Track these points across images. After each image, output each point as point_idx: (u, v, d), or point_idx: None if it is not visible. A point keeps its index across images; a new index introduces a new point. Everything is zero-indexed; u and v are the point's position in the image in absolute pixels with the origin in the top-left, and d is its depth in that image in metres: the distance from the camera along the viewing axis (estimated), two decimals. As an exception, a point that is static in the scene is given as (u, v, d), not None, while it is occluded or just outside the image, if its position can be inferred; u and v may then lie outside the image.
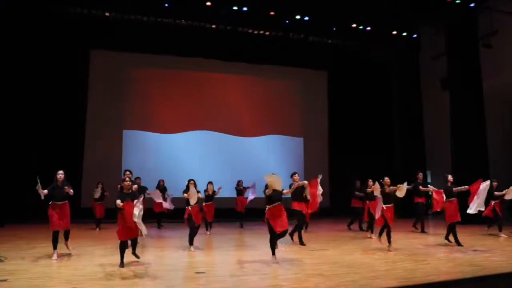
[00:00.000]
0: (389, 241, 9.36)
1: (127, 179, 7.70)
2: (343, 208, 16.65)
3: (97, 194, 13.11)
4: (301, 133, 19.59)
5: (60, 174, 8.27)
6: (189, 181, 9.62)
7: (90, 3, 15.54)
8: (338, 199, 18.19)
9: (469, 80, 16.03)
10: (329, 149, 19.76)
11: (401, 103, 19.70)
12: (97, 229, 13.03)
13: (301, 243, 10.36)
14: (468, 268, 7.39)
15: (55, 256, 8.00)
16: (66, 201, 8.33)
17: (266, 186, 8.16)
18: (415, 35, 19.06)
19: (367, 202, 11.81)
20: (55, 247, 8.11)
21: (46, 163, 14.75)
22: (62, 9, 15.45)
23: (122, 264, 7.34)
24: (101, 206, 13.23)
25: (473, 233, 12.25)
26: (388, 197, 9.46)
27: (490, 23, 16.38)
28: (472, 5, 15.94)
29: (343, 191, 16.14)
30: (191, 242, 9.42)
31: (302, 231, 11.30)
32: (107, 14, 16.07)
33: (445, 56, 17.25)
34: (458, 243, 10.02)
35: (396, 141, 19.82)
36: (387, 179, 9.68)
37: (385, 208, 9.36)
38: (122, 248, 7.42)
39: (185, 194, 9.35)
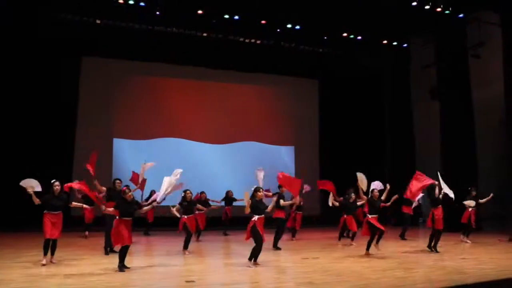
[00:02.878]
0: (377, 241, 9.77)
1: (127, 191, 8.05)
2: (333, 216, 16.66)
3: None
4: (292, 141, 19.62)
5: (57, 185, 8.39)
6: (185, 191, 10.13)
7: (82, 10, 15.53)
8: (328, 208, 18.16)
9: (458, 89, 16.19)
10: (319, 157, 19.79)
11: (391, 112, 19.83)
12: (86, 233, 12.88)
13: (276, 247, 10.70)
14: (457, 276, 7.42)
15: (44, 261, 8.09)
16: (61, 211, 8.43)
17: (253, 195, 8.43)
18: (405, 45, 19.23)
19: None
20: (46, 253, 8.21)
21: (35, 171, 14.61)
22: (54, 16, 15.43)
23: (122, 269, 7.59)
24: (91, 211, 12.92)
25: (463, 241, 12.30)
26: (373, 207, 9.77)
27: (479, 34, 16.58)
28: (460, 15, 16.15)
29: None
30: (186, 246, 9.83)
31: (290, 239, 12.37)
32: (98, 21, 16.07)
33: (435, 65, 17.41)
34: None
35: (387, 150, 19.93)
36: (376, 191, 9.99)
37: (370, 217, 9.63)
38: (124, 254, 7.75)
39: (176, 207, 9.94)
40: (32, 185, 8.30)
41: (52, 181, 8.42)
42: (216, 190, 14.57)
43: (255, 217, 8.13)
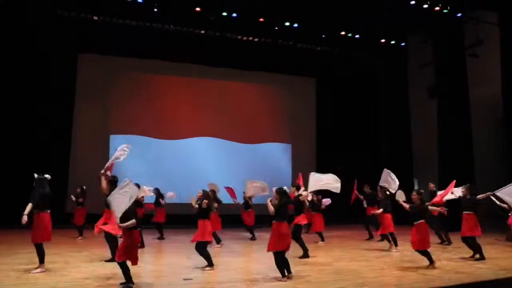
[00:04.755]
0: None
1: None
2: (330, 214, 16.70)
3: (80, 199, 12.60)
4: (289, 139, 19.60)
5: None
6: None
7: (79, 7, 15.44)
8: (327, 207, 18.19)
9: (456, 88, 16.19)
10: (317, 155, 19.79)
11: (389, 111, 19.84)
12: (79, 238, 12.17)
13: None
14: (454, 275, 7.43)
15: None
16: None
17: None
18: (403, 44, 19.23)
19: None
20: None
21: (31, 168, 14.56)
22: (50, 12, 15.34)
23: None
24: (82, 212, 12.50)
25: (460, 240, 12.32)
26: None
27: (476, 33, 16.59)
28: (459, 15, 16.15)
29: (330, 197, 16.17)
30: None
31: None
32: (95, 17, 15.99)
33: (433, 64, 17.41)
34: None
35: (383, 148, 19.94)
36: (415, 195, 8.34)
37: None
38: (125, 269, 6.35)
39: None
40: None
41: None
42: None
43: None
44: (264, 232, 13.40)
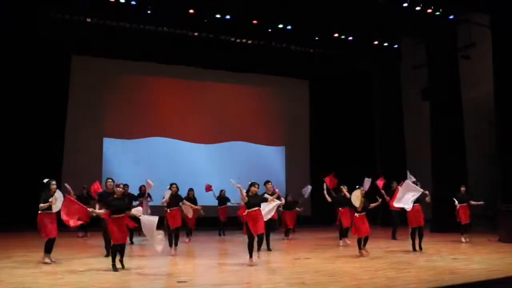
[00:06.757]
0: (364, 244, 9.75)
1: (121, 185, 7.95)
2: (324, 217, 16.74)
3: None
4: (282, 141, 19.61)
5: (55, 184, 8.38)
6: (171, 184, 10.16)
7: (72, 9, 15.38)
8: (319, 208, 18.23)
9: (448, 90, 16.30)
10: (310, 158, 19.82)
11: (382, 112, 19.91)
12: (80, 234, 12.98)
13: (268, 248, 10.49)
14: (449, 276, 7.45)
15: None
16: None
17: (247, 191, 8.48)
18: (396, 46, 19.32)
19: (340, 209, 11.99)
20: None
21: (24, 169, 14.54)
22: (44, 13, 15.26)
23: (115, 268, 7.54)
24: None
25: (454, 240, 12.39)
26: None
27: (469, 35, 16.70)
28: (451, 17, 16.26)
29: (324, 199, 16.18)
30: (170, 244, 9.80)
31: (284, 238, 12.51)
32: (89, 20, 15.93)
33: (426, 66, 17.51)
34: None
35: (377, 150, 20.01)
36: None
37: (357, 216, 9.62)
38: (115, 252, 7.67)
39: (163, 200, 10.10)
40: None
41: (48, 180, 8.34)
42: (202, 190, 14.39)
43: (247, 211, 8.30)
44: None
